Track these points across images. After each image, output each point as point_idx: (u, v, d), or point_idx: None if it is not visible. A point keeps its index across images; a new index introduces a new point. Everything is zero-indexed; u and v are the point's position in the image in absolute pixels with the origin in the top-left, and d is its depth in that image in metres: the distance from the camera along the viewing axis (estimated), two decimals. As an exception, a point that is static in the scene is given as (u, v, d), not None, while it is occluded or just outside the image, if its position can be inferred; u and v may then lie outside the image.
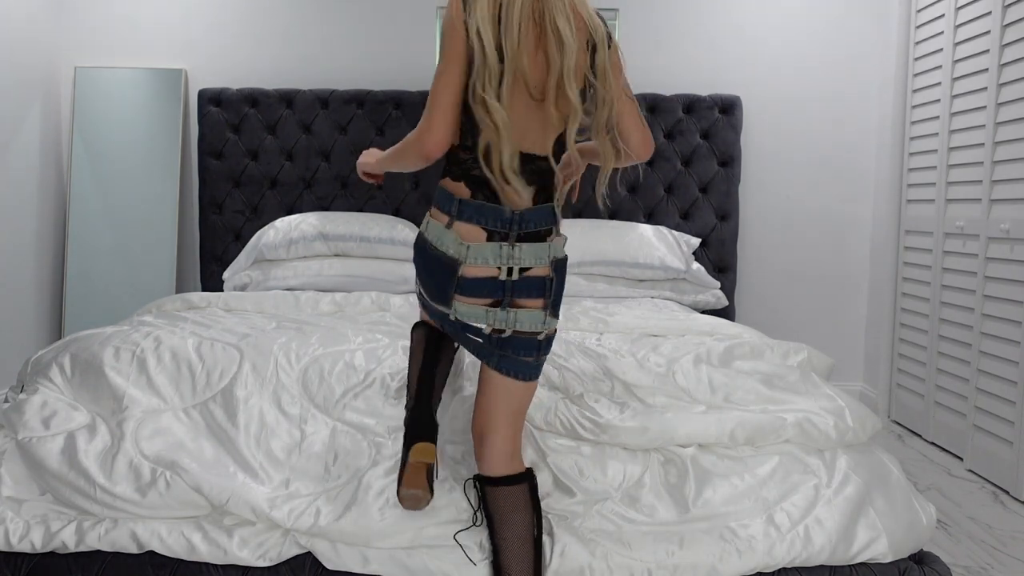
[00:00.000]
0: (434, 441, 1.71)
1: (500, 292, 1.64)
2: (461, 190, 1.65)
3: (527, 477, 1.73)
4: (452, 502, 1.81)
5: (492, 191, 1.63)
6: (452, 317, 1.69)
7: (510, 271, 1.63)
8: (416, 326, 1.92)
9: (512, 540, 1.69)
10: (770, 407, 2.00)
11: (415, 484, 1.67)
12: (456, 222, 1.64)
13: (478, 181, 1.63)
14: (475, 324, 1.68)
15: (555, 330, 1.76)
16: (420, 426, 1.72)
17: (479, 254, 1.62)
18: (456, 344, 1.91)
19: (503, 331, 1.66)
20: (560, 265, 1.69)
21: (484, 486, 1.73)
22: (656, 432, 1.90)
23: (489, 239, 1.63)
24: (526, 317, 1.65)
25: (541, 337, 1.68)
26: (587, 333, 2.47)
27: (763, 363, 2.23)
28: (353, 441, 1.91)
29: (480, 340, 1.70)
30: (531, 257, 1.64)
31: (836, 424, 1.96)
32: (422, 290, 1.77)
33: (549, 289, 1.66)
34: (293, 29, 4.10)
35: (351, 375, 2.04)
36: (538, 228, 1.64)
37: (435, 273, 1.68)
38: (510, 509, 1.70)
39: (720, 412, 1.96)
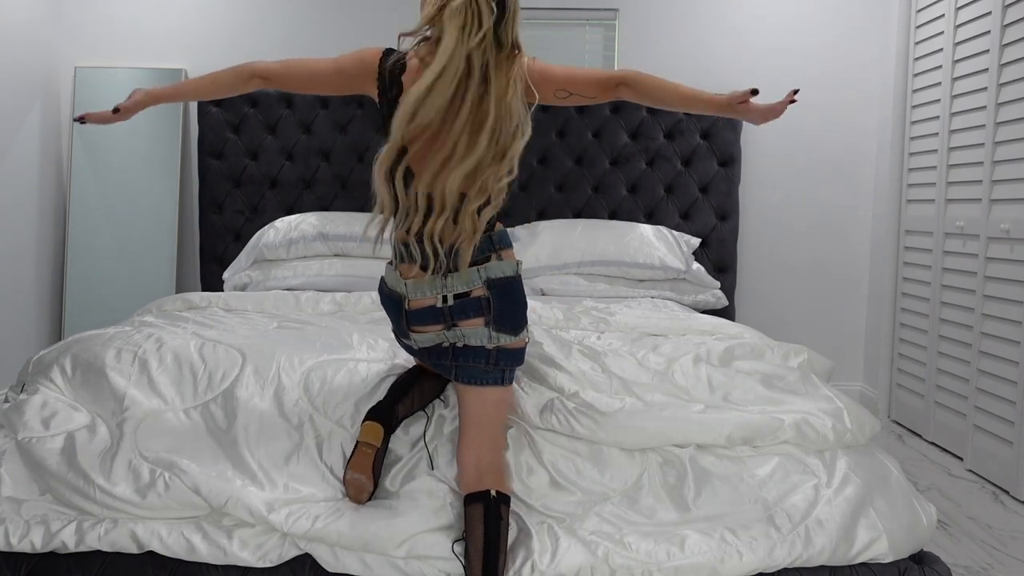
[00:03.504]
0: (385, 426, 1.82)
1: (441, 318, 1.81)
2: (403, 236, 1.83)
3: (482, 498, 1.74)
4: (447, 506, 1.81)
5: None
6: (415, 347, 1.89)
7: (445, 299, 1.79)
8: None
9: (467, 555, 1.72)
10: (768, 408, 2.00)
11: (359, 468, 1.78)
12: (400, 264, 1.85)
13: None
14: (433, 344, 1.86)
15: (522, 345, 1.88)
16: (375, 411, 1.84)
17: (417, 288, 1.81)
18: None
19: (457, 343, 1.84)
20: (500, 283, 1.80)
21: None
22: (653, 431, 1.90)
23: (427, 273, 1.80)
24: (472, 333, 1.81)
25: (490, 347, 1.82)
26: (587, 332, 2.47)
27: (763, 363, 2.23)
28: (352, 446, 1.90)
29: (442, 361, 1.86)
30: (462, 283, 1.78)
31: (834, 426, 1.96)
32: (393, 328, 1.96)
33: (487, 308, 1.79)
34: (293, 29, 4.10)
35: (354, 379, 2.03)
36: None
37: (391, 309, 1.89)
38: (469, 525, 1.73)
39: (718, 412, 1.96)
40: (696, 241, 3.84)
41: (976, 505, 2.96)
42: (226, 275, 3.72)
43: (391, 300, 1.87)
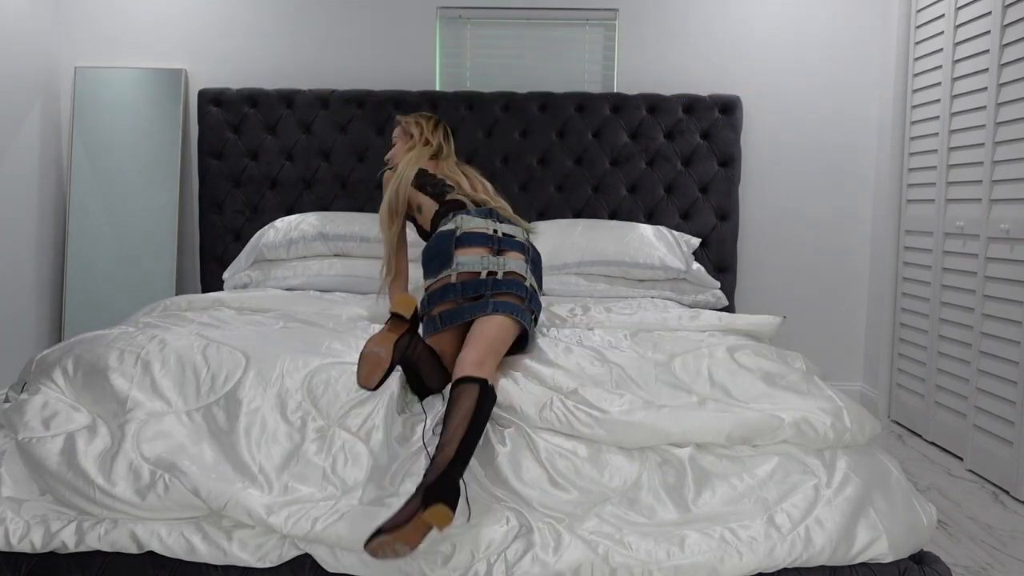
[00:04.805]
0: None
1: (489, 242, 2.27)
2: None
3: (479, 381, 1.87)
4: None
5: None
6: (454, 278, 2.16)
7: (495, 231, 2.31)
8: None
9: (447, 415, 1.81)
10: (768, 405, 2.00)
11: (382, 341, 1.84)
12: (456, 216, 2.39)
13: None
14: (473, 270, 2.17)
15: (538, 300, 2.27)
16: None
17: (471, 221, 2.32)
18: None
19: (496, 273, 2.16)
20: (534, 248, 2.39)
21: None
22: (652, 428, 1.90)
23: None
24: (513, 262, 2.22)
25: (527, 283, 2.20)
26: (587, 332, 2.47)
27: (764, 360, 2.23)
28: (353, 449, 1.90)
29: (479, 293, 2.12)
30: (509, 229, 2.36)
31: (834, 425, 1.96)
32: (427, 279, 2.25)
33: (527, 249, 2.33)
34: (293, 29, 4.10)
35: (356, 382, 2.03)
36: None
37: (437, 247, 2.25)
38: (457, 399, 1.83)
39: (718, 411, 1.96)
40: (696, 241, 3.84)
41: (976, 505, 2.96)
42: (226, 275, 3.72)
43: (439, 240, 2.25)
